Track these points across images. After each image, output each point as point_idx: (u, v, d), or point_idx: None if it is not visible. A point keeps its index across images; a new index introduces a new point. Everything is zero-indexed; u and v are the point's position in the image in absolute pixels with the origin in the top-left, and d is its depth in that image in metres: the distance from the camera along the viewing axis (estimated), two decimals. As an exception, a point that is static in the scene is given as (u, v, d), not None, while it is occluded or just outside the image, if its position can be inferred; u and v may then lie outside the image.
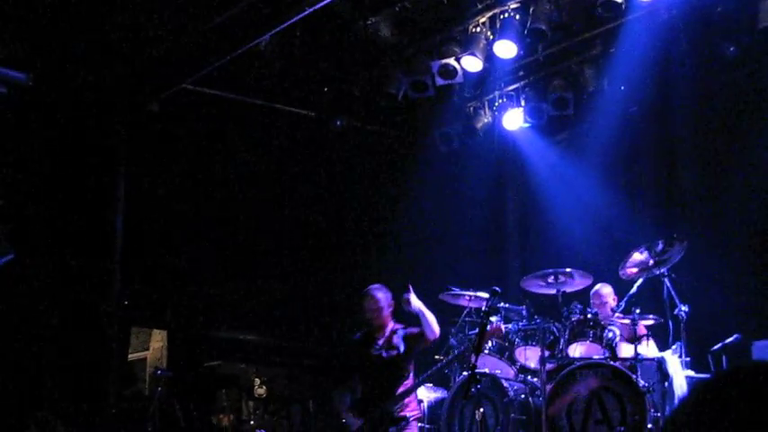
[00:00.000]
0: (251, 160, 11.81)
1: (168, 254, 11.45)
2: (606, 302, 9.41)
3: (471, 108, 12.08)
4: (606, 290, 9.51)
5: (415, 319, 8.14)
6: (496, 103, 11.82)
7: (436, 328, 8.10)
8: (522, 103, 11.62)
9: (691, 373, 8.70)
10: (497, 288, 7.58)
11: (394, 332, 8.31)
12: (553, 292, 9.30)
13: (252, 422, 12.31)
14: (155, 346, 12.14)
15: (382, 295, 8.34)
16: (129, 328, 11.32)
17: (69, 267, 10.24)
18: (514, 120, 11.69)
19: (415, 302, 8.08)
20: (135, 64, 10.62)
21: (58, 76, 10.12)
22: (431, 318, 8.09)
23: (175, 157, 11.31)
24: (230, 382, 12.60)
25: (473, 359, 8.92)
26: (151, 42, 10.33)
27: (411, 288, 8.09)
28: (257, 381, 12.73)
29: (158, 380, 10.66)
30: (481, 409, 8.25)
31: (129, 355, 11.54)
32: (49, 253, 10.14)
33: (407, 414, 8.05)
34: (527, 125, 11.73)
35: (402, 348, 8.17)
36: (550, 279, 9.29)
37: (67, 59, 10.15)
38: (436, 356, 9.99)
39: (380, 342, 8.28)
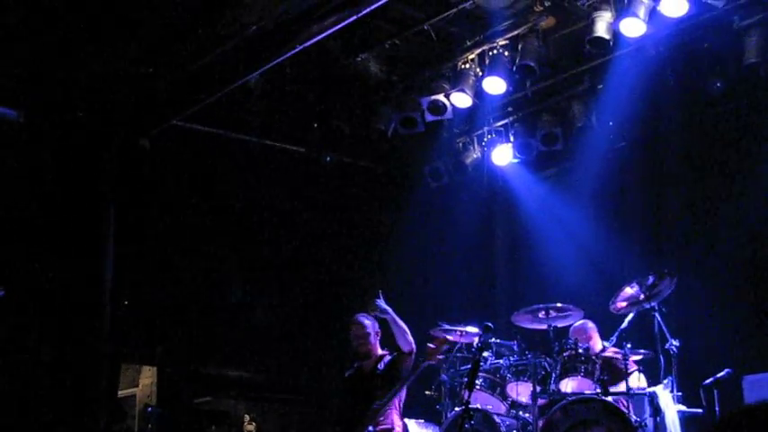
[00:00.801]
0: (240, 196, 11.81)
1: (158, 290, 11.40)
2: (592, 336, 9.40)
3: (460, 143, 12.15)
4: (591, 325, 9.51)
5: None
6: (485, 139, 11.89)
7: (410, 338, 8.02)
8: (512, 138, 11.70)
9: (682, 407, 8.71)
10: (490, 324, 7.58)
11: (380, 358, 8.30)
12: (544, 327, 9.32)
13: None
14: (144, 383, 12.05)
15: (369, 322, 8.35)
16: (119, 365, 11.24)
17: (59, 304, 10.17)
18: (504, 155, 11.75)
19: (385, 308, 8.02)
20: (126, 100, 10.63)
21: (49, 113, 10.12)
22: (403, 327, 8.01)
23: (166, 193, 11.29)
24: (220, 419, 12.51)
25: (465, 395, 8.95)
26: (142, 79, 10.34)
27: (381, 294, 8.06)
28: (246, 417, 12.66)
29: (148, 417, 10.61)
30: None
31: (119, 392, 11.45)
32: (38, 290, 10.08)
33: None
34: (516, 160, 11.79)
35: (381, 369, 8.14)
36: (541, 314, 9.30)
37: (58, 96, 10.15)
38: (427, 392, 9.99)
39: (368, 371, 8.26)
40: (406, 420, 9.39)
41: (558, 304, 9.27)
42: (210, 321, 11.78)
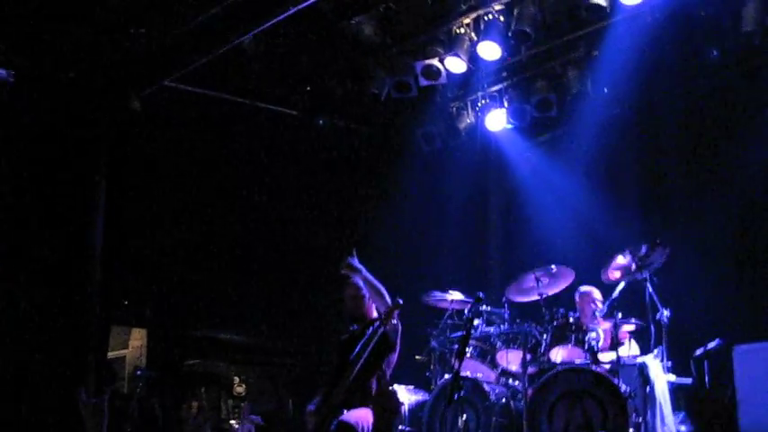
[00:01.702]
0: (232, 158, 11.72)
1: (148, 252, 11.36)
2: (594, 305, 9.35)
3: (454, 108, 12.03)
4: (597, 293, 9.47)
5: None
6: (479, 104, 11.78)
7: (387, 299, 7.49)
8: (506, 104, 11.59)
9: (672, 377, 8.72)
10: (481, 294, 7.52)
11: (372, 323, 7.99)
12: (535, 298, 9.30)
13: (231, 421, 12.27)
14: (134, 345, 12.06)
15: (362, 283, 8.09)
16: (108, 327, 11.23)
17: (49, 267, 10.12)
18: (497, 121, 11.66)
19: (358, 267, 7.61)
20: (117, 61, 10.51)
21: (40, 73, 10.01)
22: (378, 286, 7.58)
23: (157, 154, 11.22)
24: (210, 381, 12.54)
25: (455, 363, 8.92)
26: (133, 39, 10.22)
27: (354, 252, 7.70)
28: (236, 379, 12.70)
29: (138, 379, 10.62)
30: (464, 416, 8.26)
31: (109, 354, 11.44)
32: (28, 253, 10.02)
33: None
34: (510, 126, 11.71)
35: (368, 334, 7.49)
36: (532, 282, 9.27)
37: (49, 56, 10.03)
38: (417, 357, 9.99)
39: (358, 335, 8.00)
40: (396, 386, 9.42)
41: (552, 266, 9.25)
42: (201, 284, 11.75)
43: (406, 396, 9.61)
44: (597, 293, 9.40)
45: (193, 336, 12.24)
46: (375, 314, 7.58)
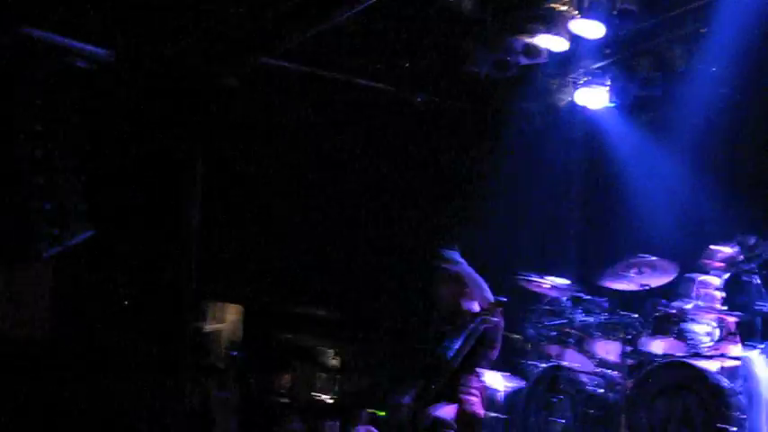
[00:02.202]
0: (329, 137, 11.68)
1: (246, 231, 11.43)
2: (707, 291, 9.02)
3: (554, 85, 11.79)
4: (717, 282, 9.11)
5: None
6: (581, 81, 11.51)
7: (486, 293, 7.51)
8: (608, 82, 11.30)
9: (779, 373, 8.45)
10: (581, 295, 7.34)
11: (473, 317, 7.82)
12: (635, 287, 9.09)
13: (324, 396, 12.36)
14: (231, 319, 12.17)
15: (461, 270, 7.81)
16: (203, 302, 11.41)
17: (147, 246, 10.26)
18: (599, 99, 11.38)
19: (459, 259, 7.61)
20: (214, 39, 10.53)
21: (138, 51, 10.08)
22: (479, 281, 7.57)
23: (254, 134, 11.24)
24: (303, 354, 12.64)
25: (553, 351, 8.83)
26: (231, 17, 10.22)
27: (456, 245, 7.67)
28: (331, 353, 12.77)
29: (233, 360, 10.82)
30: (561, 405, 8.14)
31: (206, 328, 11.60)
32: (125, 229, 10.16)
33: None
34: (612, 105, 11.42)
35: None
36: (633, 272, 9.05)
37: (148, 35, 10.08)
38: (513, 335, 9.82)
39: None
40: (492, 374, 9.32)
41: (653, 258, 9.01)
42: (298, 262, 11.78)
43: (502, 382, 9.51)
44: (715, 282, 9.05)
45: (288, 311, 12.30)
46: (476, 307, 7.45)
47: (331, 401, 12.31)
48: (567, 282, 9.50)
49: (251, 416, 11.18)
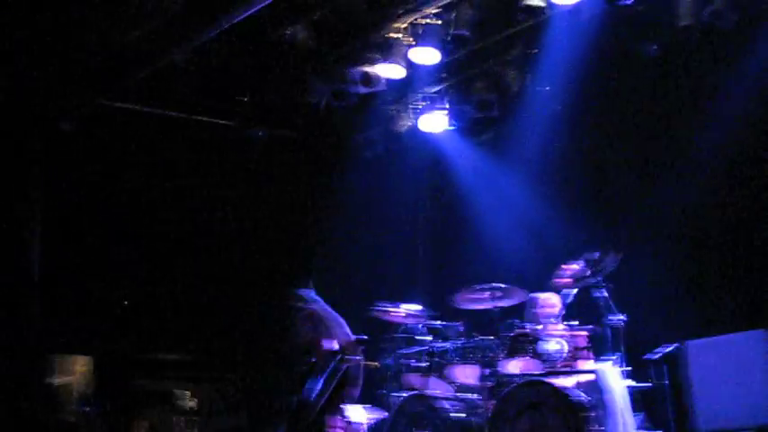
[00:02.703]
0: (170, 175, 11.44)
1: (89, 277, 11.08)
2: (547, 311, 9.24)
3: (393, 111, 11.89)
4: (553, 299, 9.34)
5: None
6: (420, 106, 11.65)
7: (346, 330, 7.50)
8: (446, 105, 11.48)
9: (631, 382, 8.67)
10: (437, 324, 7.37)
11: (333, 355, 7.77)
12: (488, 306, 9.20)
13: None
14: (80, 371, 11.76)
15: (314, 309, 7.87)
16: (51, 355, 10.99)
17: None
18: (439, 123, 11.54)
19: (314, 298, 7.56)
20: (46, 81, 10.21)
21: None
22: (337, 318, 7.54)
23: (93, 176, 10.92)
24: (159, 399, 12.30)
25: (413, 380, 8.83)
26: (64, 58, 9.93)
27: (310, 282, 7.57)
28: (187, 394, 12.47)
29: (87, 415, 10.44)
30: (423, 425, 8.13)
31: (55, 381, 11.19)
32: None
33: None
34: (452, 128, 11.59)
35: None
36: (485, 295, 9.17)
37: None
38: (370, 363, 9.77)
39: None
40: (354, 407, 9.26)
41: (503, 285, 9.14)
42: (146, 306, 11.49)
43: (364, 415, 9.45)
44: (553, 299, 9.28)
45: (142, 357, 11.96)
46: (335, 346, 7.38)
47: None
48: (421, 308, 9.50)
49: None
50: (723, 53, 9.97)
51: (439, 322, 9.36)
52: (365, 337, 7.09)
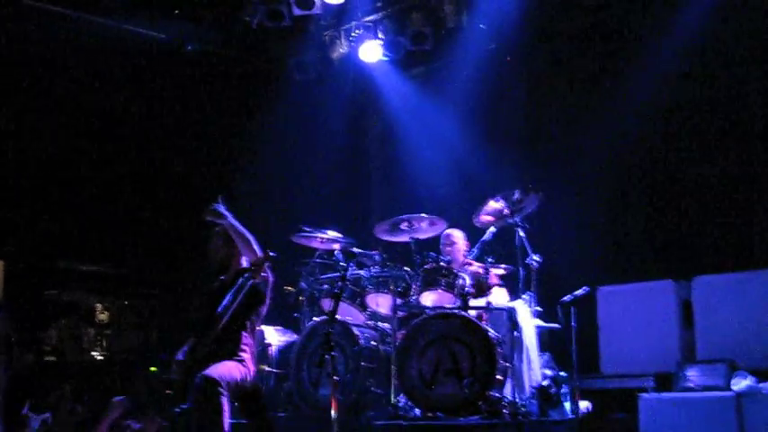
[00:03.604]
0: (96, 83, 11.17)
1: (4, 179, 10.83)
2: (458, 246, 9.35)
3: (327, 37, 11.75)
4: (458, 233, 9.45)
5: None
6: (353, 34, 11.53)
7: (254, 247, 7.11)
8: (380, 35, 11.38)
9: (540, 322, 8.81)
10: (354, 251, 7.38)
11: (242, 272, 7.67)
12: (406, 239, 9.23)
13: (93, 352, 11.95)
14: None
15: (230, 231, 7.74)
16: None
17: None
18: (372, 52, 11.45)
19: (223, 213, 7.13)
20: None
21: None
22: (246, 235, 7.15)
23: (12, 80, 10.61)
24: (70, 310, 12.16)
25: (326, 305, 8.84)
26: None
27: (221, 199, 7.22)
28: (99, 306, 12.34)
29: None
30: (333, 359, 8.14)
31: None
32: None
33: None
34: (385, 59, 11.52)
35: (239, 284, 7.14)
36: (404, 225, 9.19)
37: None
38: (286, 288, 9.76)
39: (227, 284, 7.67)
40: (264, 327, 9.27)
41: (422, 215, 9.17)
42: (62, 213, 11.28)
43: (275, 337, 9.48)
44: (458, 233, 9.36)
45: (53, 266, 11.78)
46: (244, 263, 7.31)
47: (100, 358, 11.92)
48: (339, 235, 9.49)
49: (15, 378, 10.66)
50: (660, 5, 10.04)
51: (356, 249, 9.34)
52: (274, 254, 6.99)
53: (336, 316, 8.67)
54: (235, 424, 6.87)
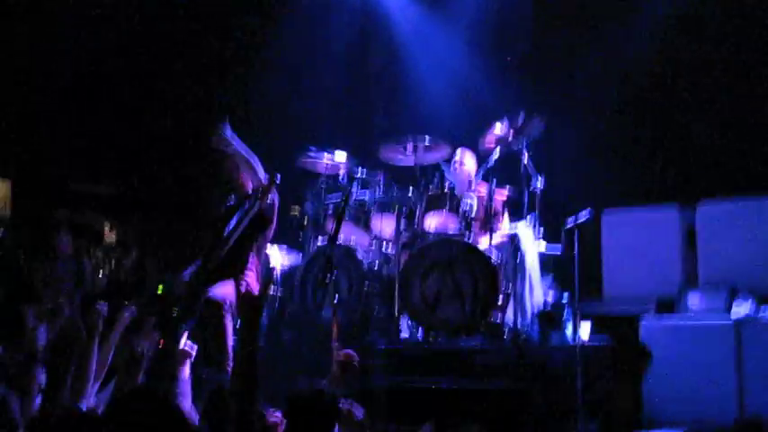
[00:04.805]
0: (101, 6, 11.08)
1: (13, 100, 10.84)
2: (466, 168, 9.22)
3: (335, -43, 11.63)
4: (469, 153, 9.29)
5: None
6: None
7: (262, 173, 7.17)
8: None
9: (542, 246, 8.81)
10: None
11: (248, 196, 7.61)
12: (411, 163, 9.21)
13: (101, 273, 12.03)
14: (-1, 196, 11.61)
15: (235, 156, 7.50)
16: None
17: None
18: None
19: (229, 137, 7.09)
20: None
21: None
22: (251, 160, 7.19)
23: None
24: (78, 230, 12.22)
25: (330, 227, 8.85)
26: None
27: (226, 120, 7.15)
28: (107, 227, 12.39)
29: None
30: (336, 280, 8.20)
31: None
32: None
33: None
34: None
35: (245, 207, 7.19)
36: (409, 147, 9.15)
37: None
38: (293, 207, 9.76)
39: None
40: (269, 247, 9.27)
41: (426, 137, 9.13)
42: (69, 134, 11.30)
43: (279, 256, 9.50)
44: (472, 159, 9.30)
45: (62, 187, 11.83)
46: (250, 186, 7.31)
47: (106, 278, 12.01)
48: (344, 159, 9.46)
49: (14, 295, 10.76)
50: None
51: (361, 171, 9.32)
52: (278, 177, 7.00)
53: (340, 239, 8.79)
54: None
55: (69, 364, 6.14)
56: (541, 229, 8.82)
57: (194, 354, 6.67)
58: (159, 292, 10.01)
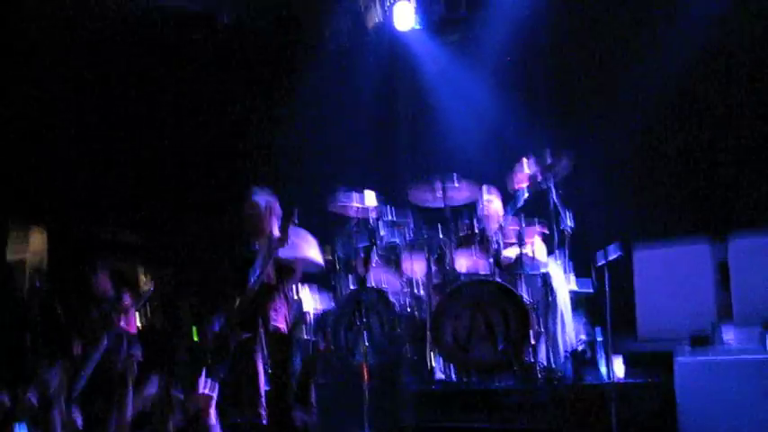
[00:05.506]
0: (134, 58, 11.28)
1: (47, 153, 11.02)
2: (494, 206, 9.26)
3: (362, 5, 11.78)
4: (495, 192, 9.33)
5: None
6: (388, 2, 11.55)
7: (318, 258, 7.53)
8: (413, 2, 11.40)
9: (574, 286, 8.81)
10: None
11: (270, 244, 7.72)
12: (440, 203, 9.25)
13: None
14: (34, 248, 11.74)
15: (262, 200, 7.85)
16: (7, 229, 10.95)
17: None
18: (406, 19, 11.46)
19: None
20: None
21: None
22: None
23: (44, 53, 10.76)
24: (115, 279, 12.32)
25: (361, 271, 8.90)
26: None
27: (296, 213, 7.40)
28: (143, 278, 12.48)
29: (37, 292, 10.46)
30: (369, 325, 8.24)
31: (8, 257, 11.15)
32: None
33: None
34: (419, 27, 11.54)
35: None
36: (437, 188, 9.18)
37: None
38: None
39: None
40: (301, 291, 9.35)
41: (455, 177, 9.18)
42: (103, 185, 11.47)
43: (312, 301, 9.55)
44: (498, 197, 9.33)
45: (97, 236, 11.96)
46: (276, 233, 7.42)
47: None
48: (374, 198, 9.52)
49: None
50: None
51: (391, 214, 9.38)
52: (296, 212, 7.08)
53: (372, 283, 8.86)
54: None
55: (109, 408, 6.22)
56: (571, 263, 8.82)
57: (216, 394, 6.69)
58: (195, 341, 10.12)
